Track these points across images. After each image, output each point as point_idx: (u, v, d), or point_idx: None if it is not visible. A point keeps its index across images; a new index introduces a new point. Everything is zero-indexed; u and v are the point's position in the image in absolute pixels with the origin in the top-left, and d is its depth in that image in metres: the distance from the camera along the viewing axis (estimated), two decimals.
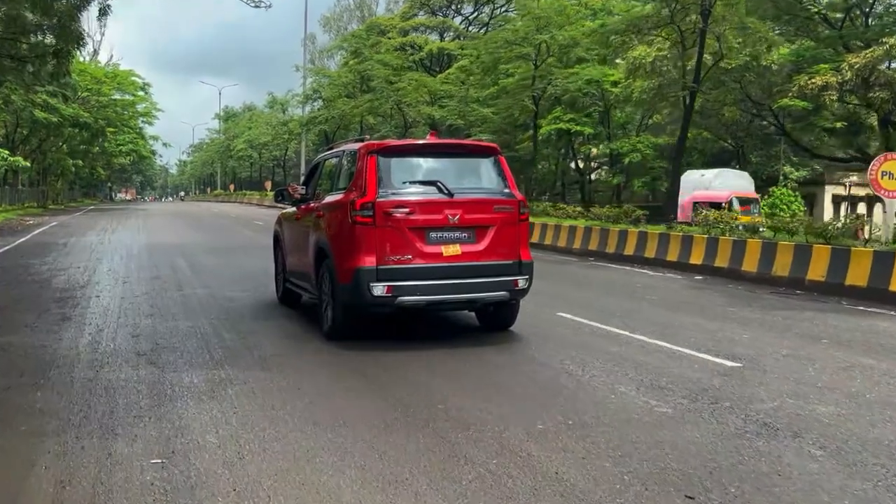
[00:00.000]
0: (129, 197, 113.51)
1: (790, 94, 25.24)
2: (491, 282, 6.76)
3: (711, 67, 23.86)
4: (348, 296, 6.61)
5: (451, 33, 48.43)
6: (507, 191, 7.04)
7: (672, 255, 14.58)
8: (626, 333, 7.53)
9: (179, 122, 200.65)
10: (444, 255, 6.60)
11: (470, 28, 50.51)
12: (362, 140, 7.40)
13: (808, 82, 23.78)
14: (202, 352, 6.49)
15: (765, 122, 31.60)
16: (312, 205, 7.87)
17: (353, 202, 6.59)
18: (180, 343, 6.83)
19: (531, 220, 15.58)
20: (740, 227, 14.87)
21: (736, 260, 13.02)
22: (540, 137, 32.54)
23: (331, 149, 8.47)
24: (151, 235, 21.76)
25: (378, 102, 38.02)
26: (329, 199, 7.40)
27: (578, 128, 31.86)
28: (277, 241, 9.50)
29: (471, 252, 6.69)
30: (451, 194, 6.67)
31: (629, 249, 15.82)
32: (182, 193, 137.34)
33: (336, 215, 7.00)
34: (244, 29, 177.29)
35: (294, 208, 8.64)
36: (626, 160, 32.96)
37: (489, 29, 52.99)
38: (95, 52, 51.56)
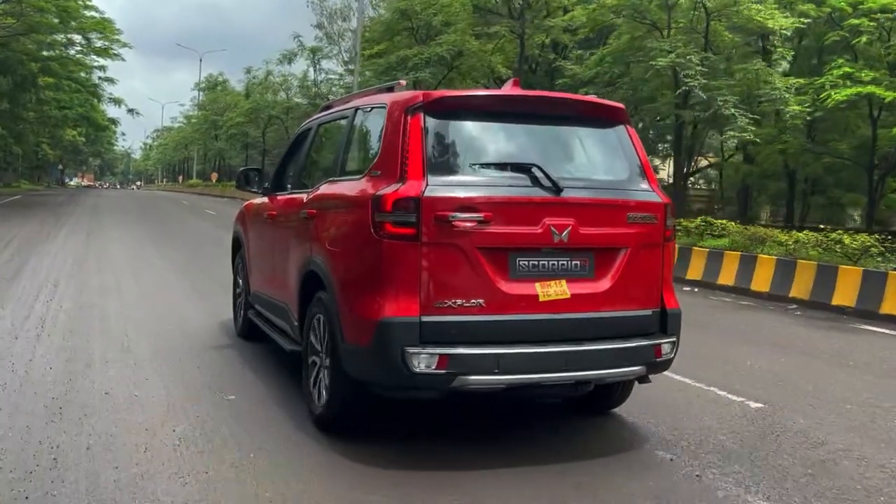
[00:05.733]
0: (86, 183, 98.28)
1: None
2: (617, 349, 3.82)
3: None
4: (364, 367, 3.69)
5: None
6: (644, 186, 4.07)
7: None
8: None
9: (147, 100, 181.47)
10: (542, 299, 3.68)
11: None
12: (391, 89, 4.36)
13: None
14: None
15: None
16: (299, 196, 4.79)
17: (380, 197, 3.60)
18: None
19: None
20: None
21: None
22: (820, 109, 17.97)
23: (330, 108, 5.27)
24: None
25: None
26: (330, 188, 4.36)
27: (880, 91, 17.31)
28: (238, 246, 6.43)
29: (587, 295, 3.79)
30: (558, 189, 3.74)
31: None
32: (139, 183, 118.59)
33: (345, 219, 4.03)
34: (224, 11, 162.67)
35: (266, 199, 5.61)
36: None
37: None
38: None
